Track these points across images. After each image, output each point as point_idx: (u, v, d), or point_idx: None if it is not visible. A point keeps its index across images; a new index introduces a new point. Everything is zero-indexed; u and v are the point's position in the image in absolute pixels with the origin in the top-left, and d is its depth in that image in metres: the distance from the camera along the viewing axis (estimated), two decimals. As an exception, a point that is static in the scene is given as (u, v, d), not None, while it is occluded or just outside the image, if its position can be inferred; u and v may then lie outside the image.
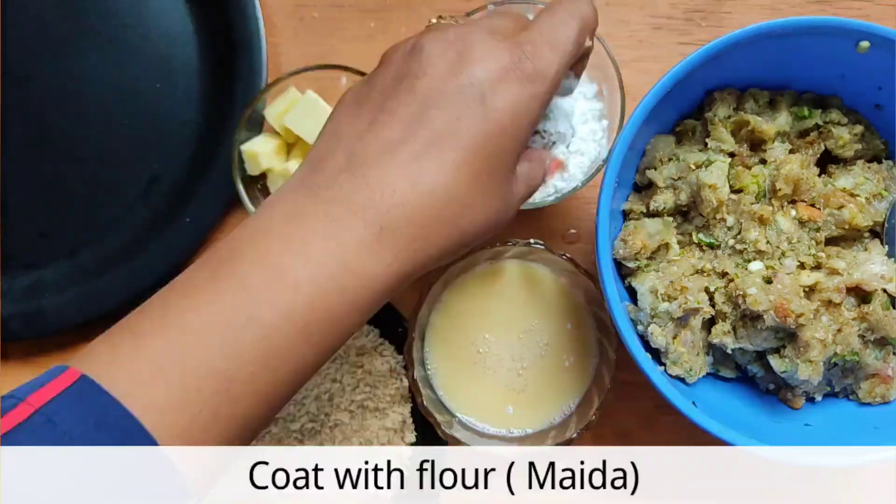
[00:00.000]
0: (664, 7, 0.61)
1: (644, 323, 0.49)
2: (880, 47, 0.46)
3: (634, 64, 0.60)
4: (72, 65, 0.61)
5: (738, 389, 0.52)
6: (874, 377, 0.49)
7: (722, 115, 0.51)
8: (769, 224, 0.48)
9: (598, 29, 0.54)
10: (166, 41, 0.61)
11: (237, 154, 0.56)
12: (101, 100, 0.61)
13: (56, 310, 0.59)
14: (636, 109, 0.46)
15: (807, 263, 0.48)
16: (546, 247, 0.54)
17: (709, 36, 0.60)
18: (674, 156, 0.51)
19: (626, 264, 0.50)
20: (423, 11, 0.61)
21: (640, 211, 0.52)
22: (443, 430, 0.53)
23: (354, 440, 0.55)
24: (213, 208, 0.59)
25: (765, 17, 0.60)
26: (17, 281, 0.60)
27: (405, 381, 0.57)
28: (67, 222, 0.60)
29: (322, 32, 0.61)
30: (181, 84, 0.61)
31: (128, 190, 0.61)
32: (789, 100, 0.52)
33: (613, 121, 0.54)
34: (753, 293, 0.46)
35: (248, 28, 0.59)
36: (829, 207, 0.48)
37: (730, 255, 0.49)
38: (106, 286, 0.59)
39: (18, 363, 0.61)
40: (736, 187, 0.49)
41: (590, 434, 0.58)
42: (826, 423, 0.49)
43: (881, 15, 0.60)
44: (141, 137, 0.60)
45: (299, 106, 0.56)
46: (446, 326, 0.56)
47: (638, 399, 0.58)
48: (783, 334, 0.47)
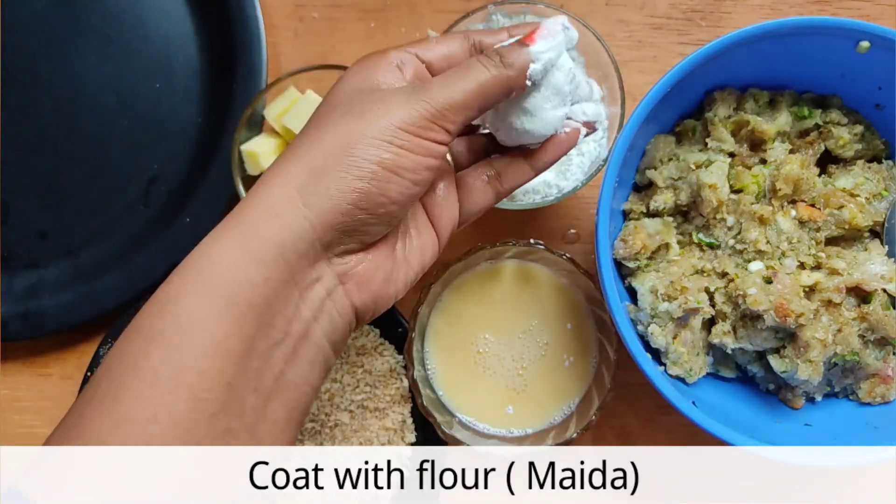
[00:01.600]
0: (664, 7, 0.61)
1: (644, 323, 0.49)
2: (880, 47, 0.46)
3: (634, 64, 0.60)
4: (72, 65, 0.61)
5: (738, 389, 0.52)
6: (874, 377, 0.49)
7: (722, 115, 0.51)
8: (769, 224, 0.48)
9: (598, 29, 0.54)
10: (166, 41, 0.61)
11: (237, 154, 0.56)
12: (101, 100, 0.61)
13: (56, 310, 0.59)
14: (636, 109, 0.46)
15: (807, 263, 0.48)
16: (546, 247, 0.54)
17: (708, 36, 0.60)
18: (674, 156, 0.52)
19: (626, 264, 0.50)
20: (423, 11, 0.61)
21: (640, 211, 0.52)
22: (443, 430, 0.53)
23: (354, 440, 0.55)
24: (213, 208, 0.59)
25: (765, 17, 0.60)
26: (17, 281, 0.60)
27: (405, 381, 0.57)
28: (67, 222, 0.61)
29: (322, 32, 0.61)
30: (181, 84, 0.61)
31: (128, 190, 0.61)
32: (789, 100, 0.52)
33: (613, 121, 0.54)
34: (753, 293, 0.46)
35: (248, 28, 0.59)
36: (829, 207, 0.48)
37: (730, 255, 0.49)
38: (106, 286, 0.59)
39: (18, 363, 0.61)
40: (736, 187, 0.49)
41: (590, 434, 0.58)
42: (826, 423, 0.49)
43: (881, 15, 0.60)
44: (141, 137, 0.61)
45: (299, 106, 0.56)
46: (446, 326, 0.56)
47: (638, 399, 0.58)
48: (783, 334, 0.47)
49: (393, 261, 0.41)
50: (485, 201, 0.44)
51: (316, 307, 0.38)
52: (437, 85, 0.39)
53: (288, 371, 0.37)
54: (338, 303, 0.39)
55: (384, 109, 0.38)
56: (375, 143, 0.37)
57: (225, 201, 0.59)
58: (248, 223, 0.37)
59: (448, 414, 0.55)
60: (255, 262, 0.36)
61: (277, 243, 0.36)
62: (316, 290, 0.38)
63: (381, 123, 0.37)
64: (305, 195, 0.37)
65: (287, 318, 0.37)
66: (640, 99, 0.47)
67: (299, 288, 0.37)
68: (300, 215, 0.36)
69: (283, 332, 0.37)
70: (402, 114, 0.38)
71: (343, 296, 0.39)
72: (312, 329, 0.38)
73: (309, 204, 0.37)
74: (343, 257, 0.39)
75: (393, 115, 0.38)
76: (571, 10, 0.54)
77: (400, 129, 0.37)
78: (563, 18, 0.41)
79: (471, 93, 0.38)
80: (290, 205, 0.37)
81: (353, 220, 0.37)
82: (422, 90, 0.38)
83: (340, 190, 0.37)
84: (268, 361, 0.36)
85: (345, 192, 0.37)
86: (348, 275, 0.39)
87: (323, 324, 0.38)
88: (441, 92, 0.38)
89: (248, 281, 0.36)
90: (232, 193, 0.58)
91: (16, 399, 0.61)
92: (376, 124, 0.37)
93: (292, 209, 0.37)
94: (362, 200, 0.37)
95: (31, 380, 0.61)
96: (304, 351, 0.38)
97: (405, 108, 0.38)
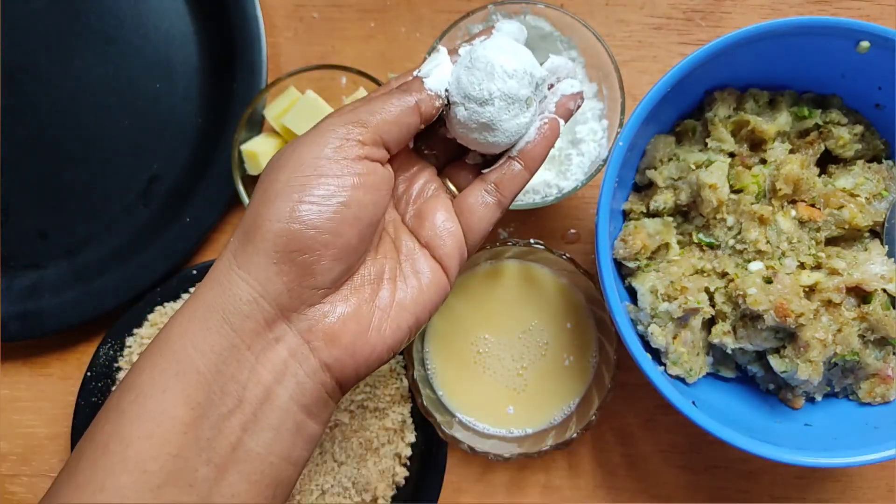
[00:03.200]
0: (664, 7, 0.61)
1: (644, 323, 0.49)
2: (880, 47, 0.46)
3: (634, 64, 0.60)
4: (72, 65, 0.61)
5: (738, 389, 0.52)
6: (874, 377, 0.49)
7: (722, 115, 0.51)
8: (769, 224, 0.48)
9: (598, 29, 0.54)
10: (166, 41, 0.61)
11: (237, 154, 0.56)
12: (101, 100, 0.61)
13: (56, 310, 0.59)
14: (636, 109, 0.46)
15: (807, 263, 0.48)
16: (546, 247, 0.54)
17: (708, 36, 0.60)
18: (674, 156, 0.52)
19: (626, 264, 0.50)
20: (423, 11, 0.61)
21: (640, 211, 0.52)
22: (443, 430, 0.53)
23: (354, 440, 0.55)
24: (213, 208, 0.59)
25: (765, 17, 0.60)
26: (17, 281, 0.60)
27: (405, 381, 0.57)
28: (67, 222, 0.61)
29: (322, 32, 0.61)
30: (181, 84, 0.61)
31: (128, 190, 0.61)
32: (789, 100, 0.52)
33: (613, 121, 0.54)
34: (753, 293, 0.46)
35: (248, 28, 0.59)
36: (829, 207, 0.48)
37: (730, 255, 0.49)
38: (106, 286, 0.59)
39: (18, 363, 0.61)
40: (736, 187, 0.49)
41: (590, 434, 0.58)
42: (826, 423, 0.49)
43: (881, 15, 0.60)
44: (141, 137, 0.61)
45: (299, 106, 0.56)
46: (446, 326, 0.56)
47: (638, 399, 0.58)
48: (783, 334, 0.47)
49: (372, 308, 0.38)
50: (490, 216, 0.42)
51: (278, 369, 0.36)
52: (347, 110, 0.39)
53: (248, 440, 0.35)
54: (304, 363, 0.36)
55: (293, 149, 0.37)
56: (289, 182, 0.36)
57: (225, 201, 0.59)
58: (197, 294, 0.37)
59: (448, 414, 0.55)
60: (201, 329, 0.35)
61: (220, 309, 0.36)
62: (277, 351, 0.36)
63: (292, 162, 0.37)
64: (238, 257, 0.36)
65: (241, 384, 0.35)
66: (640, 99, 0.47)
67: (253, 351, 0.36)
68: (237, 278, 0.36)
69: (238, 399, 0.35)
70: (313, 146, 0.37)
71: (309, 354, 0.36)
72: (275, 393, 0.36)
73: (243, 264, 0.36)
74: (305, 312, 0.37)
75: (302, 151, 0.37)
76: (571, 10, 0.54)
77: (311, 160, 0.37)
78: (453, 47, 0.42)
79: (383, 120, 0.38)
80: (228, 270, 0.36)
81: (294, 267, 0.36)
82: (330, 117, 0.38)
83: (265, 239, 0.36)
84: (222, 430, 0.35)
85: (269, 240, 0.36)
86: (313, 331, 0.37)
87: (288, 387, 0.36)
88: (354, 114, 0.38)
89: (196, 348, 0.35)
90: (232, 193, 0.58)
91: (16, 399, 0.61)
92: (288, 165, 0.37)
93: (229, 274, 0.36)
94: (291, 242, 0.35)
95: (31, 380, 0.61)
96: (267, 417, 0.36)
97: (313, 138, 0.37)
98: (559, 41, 0.56)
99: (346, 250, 0.37)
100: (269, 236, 0.36)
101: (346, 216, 0.36)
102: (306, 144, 0.37)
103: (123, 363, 0.58)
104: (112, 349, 0.58)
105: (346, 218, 0.36)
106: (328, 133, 0.37)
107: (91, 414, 0.57)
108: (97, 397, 0.58)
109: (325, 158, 0.37)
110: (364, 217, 0.37)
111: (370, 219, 0.38)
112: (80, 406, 0.57)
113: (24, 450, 0.60)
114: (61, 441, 0.60)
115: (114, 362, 0.58)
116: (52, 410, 0.60)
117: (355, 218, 0.37)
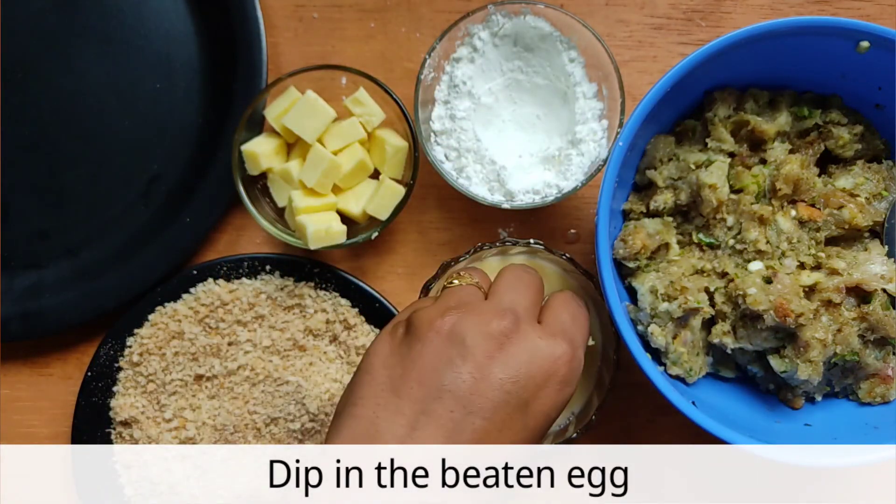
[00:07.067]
0: (664, 7, 0.61)
1: (644, 323, 0.49)
2: (880, 47, 0.46)
3: (634, 64, 0.60)
4: (72, 65, 0.61)
5: (738, 389, 0.52)
6: (874, 377, 0.49)
7: (722, 115, 0.51)
8: (769, 224, 0.48)
9: (598, 29, 0.54)
10: (166, 41, 0.61)
11: (237, 154, 0.56)
12: (101, 100, 0.61)
13: (56, 310, 0.59)
14: (636, 109, 0.46)
15: (807, 263, 0.48)
16: (546, 247, 0.54)
17: (708, 36, 0.60)
18: (674, 156, 0.52)
19: (626, 264, 0.50)
20: (423, 11, 0.61)
21: (640, 211, 0.52)
22: (443, 430, 0.53)
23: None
24: (213, 208, 0.59)
25: (765, 17, 0.60)
26: (17, 281, 0.60)
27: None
28: (67, 222, 0.60)
29: (322, 32, 0.61)
30: (181, 84, 0.61)
31: (128, 190, 0.60)
32: (789, 100, 0.52)
33: (613, 121, 0.54)
34: (753, 293, 0.46)
35: (248, 28, 0.59)
36: (829, 207, 0.48)
37: (730, 255, 0.49)
38: (106, 286, 0.59)
39: (18, 363, 0.61)
40: (736, 187, 0.49)
41: (590, 434, 0.58)
42: (826, 423, 0.49)
43: (881, 15, 0.60)
44: (141, 137, 0.60)
45: (299, 106, 0.56)
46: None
47: (638, 399, 0.58)
48: (783, 334, 0.47)
49: None
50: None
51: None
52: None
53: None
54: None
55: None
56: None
57: (225, 201, 0.59)
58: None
59: (448, 414, 0.55)
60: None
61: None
62: None
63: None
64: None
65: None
66: (640, 99, 0.47)
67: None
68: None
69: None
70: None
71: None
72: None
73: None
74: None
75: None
76: (571, 10, 0.54)
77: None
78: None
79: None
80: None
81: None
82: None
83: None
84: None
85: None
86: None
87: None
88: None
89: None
90: (232, 193, 0.58)
91: (16, 399, 0.61)
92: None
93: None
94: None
95: (31, 380, 0.61)
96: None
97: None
98: (559, 41, 0.56)
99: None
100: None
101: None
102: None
103: (124, 363, 0.58)
104: (112, 349, 0.58)
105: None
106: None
107: (91, 414, 0.57)
108: (97, 397, 0.58)
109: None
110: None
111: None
112: (81, 406, 0.57)
113: (24, 450, 0.60)
114: (61, 441, 0.60)
115: (114, 362, 0.58)
116: (53, 410, 0.60)
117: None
